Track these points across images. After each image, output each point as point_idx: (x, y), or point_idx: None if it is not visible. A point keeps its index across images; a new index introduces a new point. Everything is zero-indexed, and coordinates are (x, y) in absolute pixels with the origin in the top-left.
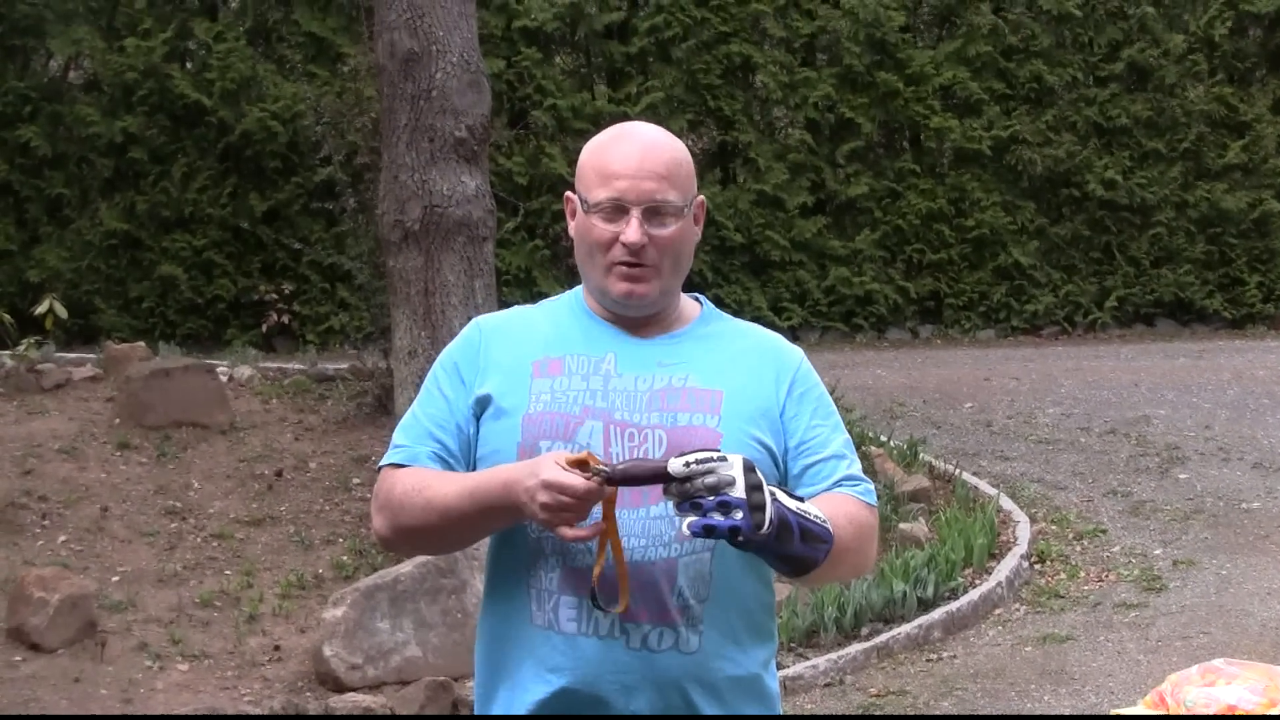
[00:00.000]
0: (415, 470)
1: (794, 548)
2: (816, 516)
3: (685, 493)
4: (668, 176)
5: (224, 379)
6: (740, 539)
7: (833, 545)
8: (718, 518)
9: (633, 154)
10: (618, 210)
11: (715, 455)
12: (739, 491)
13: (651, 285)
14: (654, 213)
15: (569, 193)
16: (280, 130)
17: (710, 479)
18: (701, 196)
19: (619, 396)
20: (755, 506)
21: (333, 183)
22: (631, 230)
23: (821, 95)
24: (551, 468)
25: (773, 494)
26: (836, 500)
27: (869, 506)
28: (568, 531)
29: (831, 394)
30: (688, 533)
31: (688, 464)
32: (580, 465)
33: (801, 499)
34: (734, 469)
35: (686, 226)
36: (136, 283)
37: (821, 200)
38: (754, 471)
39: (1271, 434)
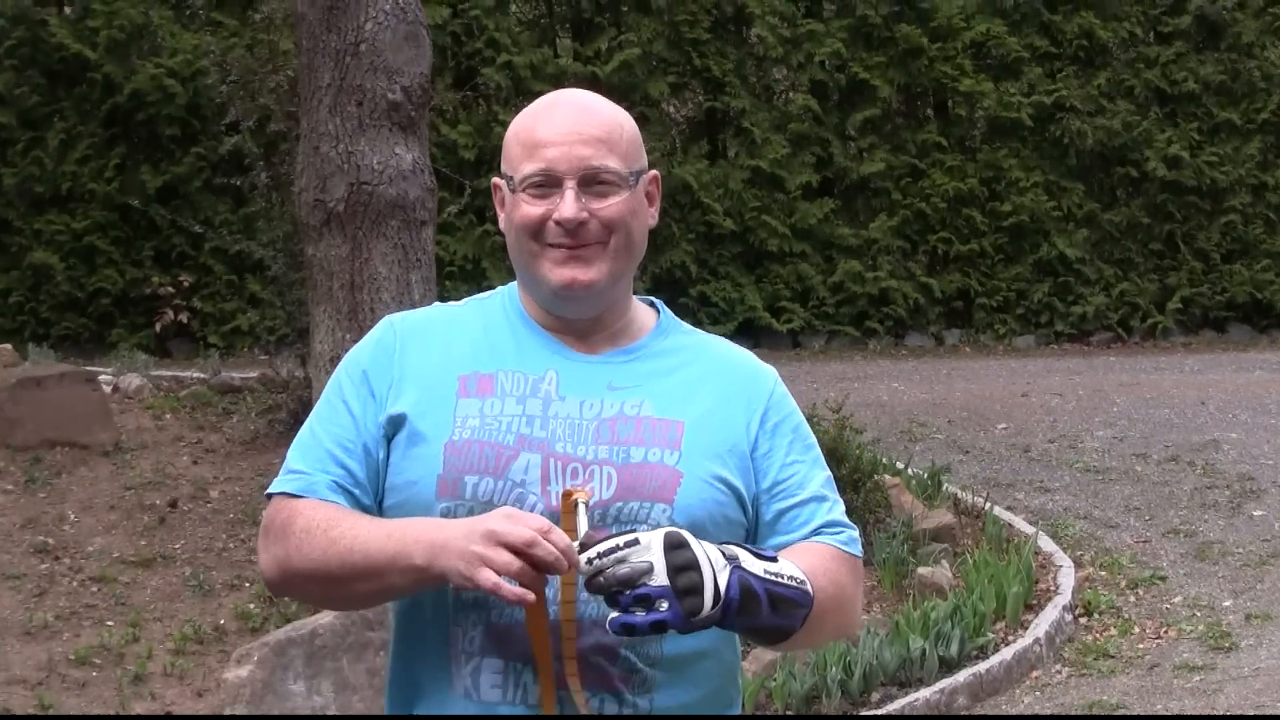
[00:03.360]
0: (317, 504)
1: (763, 619)
2: (791, 579)
3: (598, 587)
4: (605, 140)
5: (107, 390)
6: (672, 630)
7: (812, 609)
8: (638, 614)
9: (563, 119)
10: (549, 183)
11: (623, 542)
12: (659, 579)
13: (596, 269)
14: (592, 182)
15: (496, 179)
16: (178, 90)
17: (622, 570)
18: (655, 172)
19: (561, 425)
20: (686, 590)
21: (241, 154)
22: (566, 205)
23: (830, 53)
24: (513, 512)
25: (735, 559)
26: (813, 553)
27: (852, 558)
28: (490, 581)
29: (838, 412)
30: (609, 632)
31: (590, 560)
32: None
33: (774, 558)
34: (650, 553)
35: (635, 202)
36: (3, 272)
37: (829, 179)
38: (683, 548)
39: None
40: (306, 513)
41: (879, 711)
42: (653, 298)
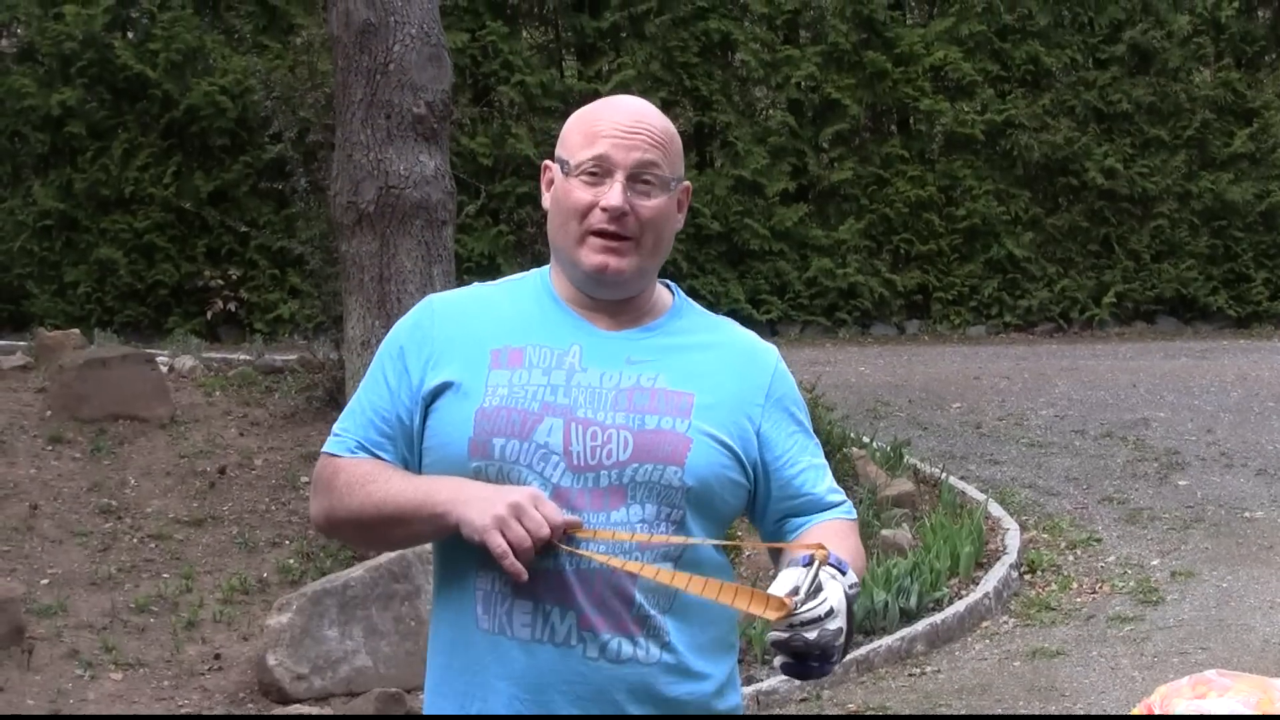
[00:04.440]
0: (358, 460)
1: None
2: (855, 587)
3: (796, 653)
4: (659, 145)
5: (164, 370)
6: None
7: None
8: (814, 665)
9: (624, 118)
10: (602, 173)
11: (823, 612)
12: (840, 640)
13: (628, 260)
14: (639, 180)
15: (547, 161)
16: (228, 105)
17: (825, 640)
18: (688, 182)
19: (582, 393)
20: (846, 646)
21: (283, 162)
22: (614, 194)
23: (805, 75)
24: (538, 495)
25: (841, 585)
26: (838, 534)
27: (855, 521)
28: (500, 547)
29: (811, 392)
30: (778, 667)
31: (792, 625)
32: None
33: (844, 569)
34: (840, 618)
35: (670, 206)
36: (72, 266)
37: (804, 186)
38: (851, 608)
39: (1277, 439)
40: (348, 468)
41: (846, 657)
42: (670, 281)
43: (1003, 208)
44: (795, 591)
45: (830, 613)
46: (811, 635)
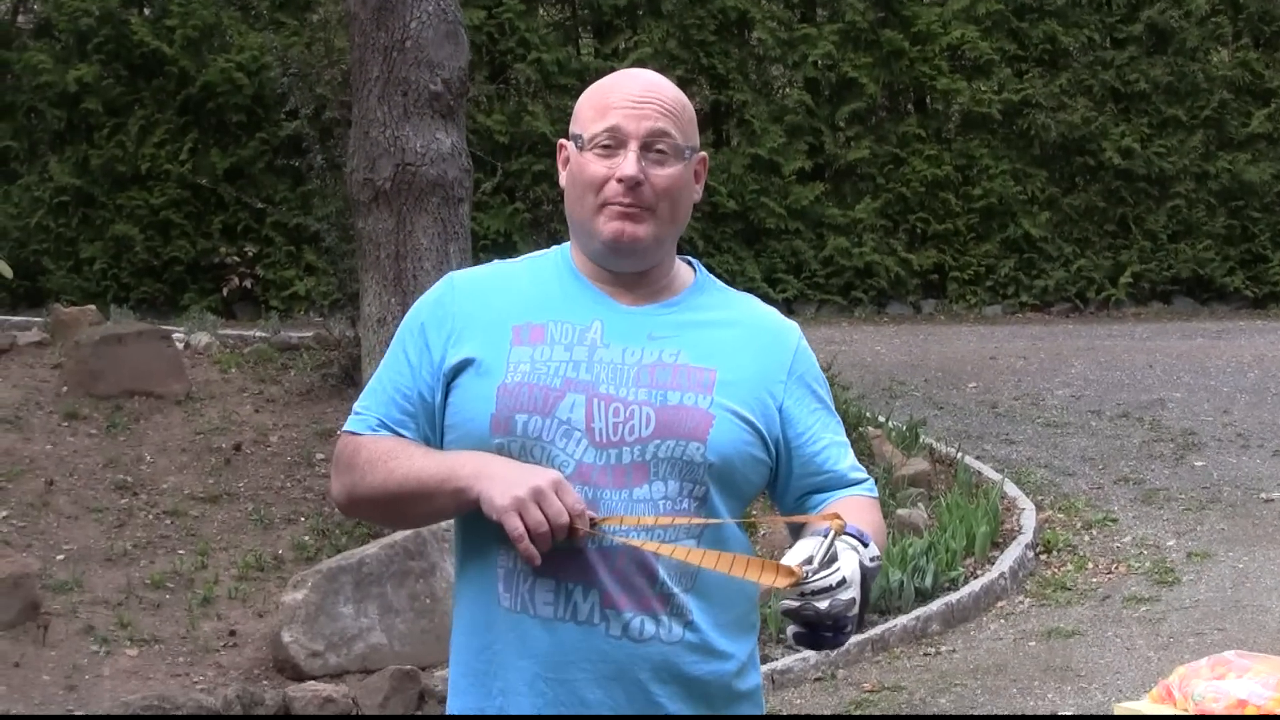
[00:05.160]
0: (379, 438)
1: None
2: (875, 559)
3: (808, 622)
4: (669, 113)
5: (180, 346)
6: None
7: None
8: (828, 635)
9: (634, 88)
10: (615, 145)
11: (835, 581)
12: (854, 610)
13: (645, 228)
14: (652, 149)
15: (562, 140)
16: (245, 82)
17: (836, 610)
18: (704, 153)
19: (604, 369)
20: (860, 617)
21: (300, 138)
22: (629, 164)
23: (822, 53)
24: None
25: (858, 556)
26: (862, 509)
27: (876, 501)
28: (518, 530)
29: (827, 371)
30: (789, 636)
31: (803, 594)
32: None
33: (866, 542)
34: (853, 589)
35: (686, 175)
36: (88, 242)
37: (820, 165)
38: (867, 578)
39: None
40: (369, 446)
41: (862, 636)
42: (690, 258)
43: (1019, 187)
44: (809, 561)
45: (843, 583)
46: (823, 605)
